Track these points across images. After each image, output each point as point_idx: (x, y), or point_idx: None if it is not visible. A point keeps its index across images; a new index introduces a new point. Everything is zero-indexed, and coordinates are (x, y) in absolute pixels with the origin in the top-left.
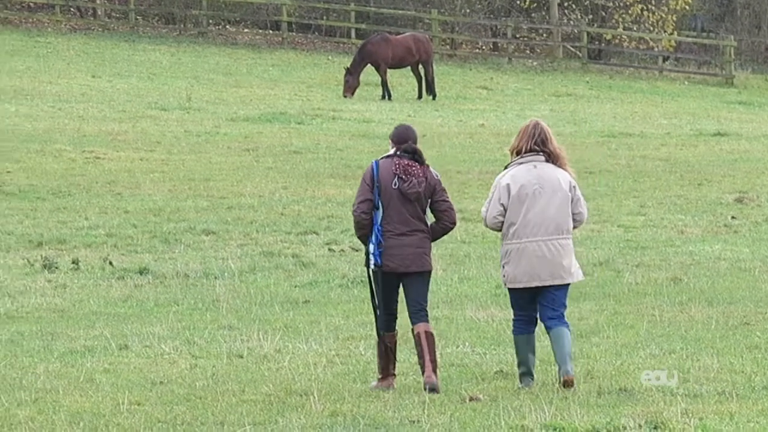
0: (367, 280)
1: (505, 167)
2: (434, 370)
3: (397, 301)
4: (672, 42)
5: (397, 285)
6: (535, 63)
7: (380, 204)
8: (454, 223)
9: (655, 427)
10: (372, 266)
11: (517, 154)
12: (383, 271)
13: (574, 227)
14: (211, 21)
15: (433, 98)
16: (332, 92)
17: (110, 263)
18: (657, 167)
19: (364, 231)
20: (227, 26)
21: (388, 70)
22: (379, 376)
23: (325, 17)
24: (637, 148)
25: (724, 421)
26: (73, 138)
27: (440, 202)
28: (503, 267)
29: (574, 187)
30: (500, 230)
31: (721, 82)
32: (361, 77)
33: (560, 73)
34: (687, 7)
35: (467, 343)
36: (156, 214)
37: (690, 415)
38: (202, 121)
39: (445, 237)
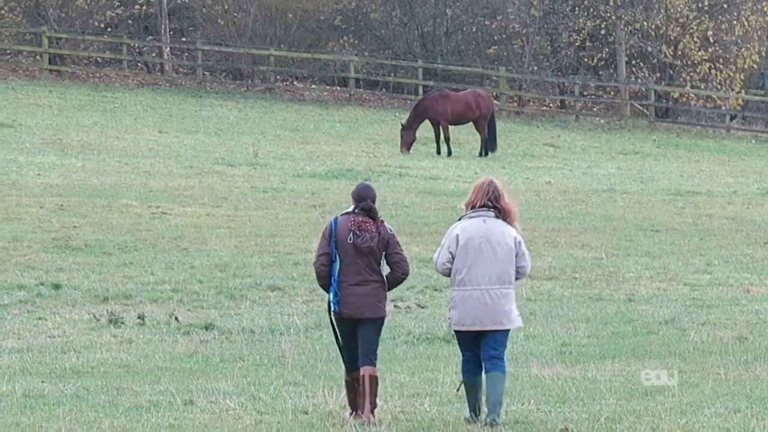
0: (331, 326)
1: (459, 219)
2: (372, 411)
3: (357, 346)
4: (739, 100)
5: (355, 330)
6: (602, 121)
7: (337, 257)
8: (406, 274)
9: None
10: (333, 312)
11: (472, 208)
12: (340, 317)
13: (517, 278)
14: (278, 77)
15: (486, 154)
16: (399, 149)
17: (176, 318)
18: (723, 226)
19: (324, 281)
20: (294, 82)
21: (450, 127)
22: (350, 411)
23: (392, 74)
24: (703, 206)
25: None
26: (140, 193)
27: (393, 255)
28: (450, 311)
29: (519, 242)
30: (449, 276)
31: None
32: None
33: (627, 131)
34: (755, 66)
35: (532, 401)
36: (222, 270)
37: None
38: (268, 177)
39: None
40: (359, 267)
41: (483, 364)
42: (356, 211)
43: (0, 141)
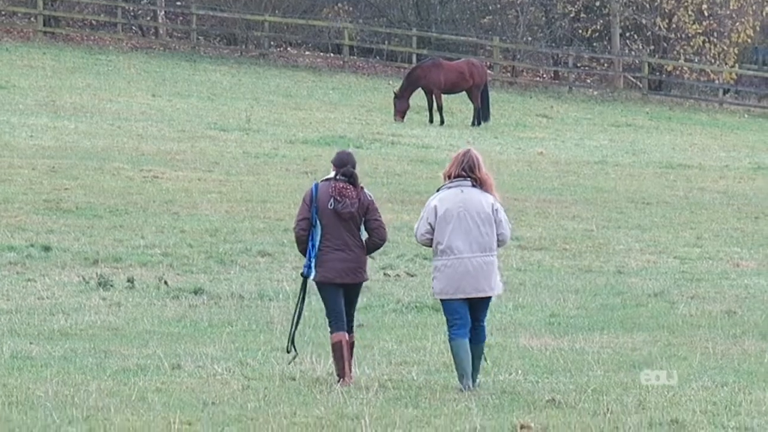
0: (300, 289)
1: (437, 190)
2: (350, 374)
3: (341, 305)
4: (733, 75)
5: (339, 293)
6: (595, 92)
7: (318, 222)
8: (384, 240)
9: None
10: (312, 278)
11: (449, 178)
12: (320, 281)
13: (498, 246)
14: (272, 43)
15: (479, 124)
16: (392, 117)
17: (165, 282)
18: (714, 200)
19: (303, 246)
20: (288, 48)
21: (443, 96)
22: (338, 378)
23: (386, 42)
24: (695, 180)
25: None
26: (132, 156)
27: (371, 221)
28: (433, 280)
29: (497, 209)
30: (430, 246)
31: None
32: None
33: (620, 103)
34: (749, 40)
35: (519, 371)
36: (212, 235)
37: None
38: (260, 142)
39: (498, 263)
40: (340, 232)
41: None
42: (337, 177)
43: None
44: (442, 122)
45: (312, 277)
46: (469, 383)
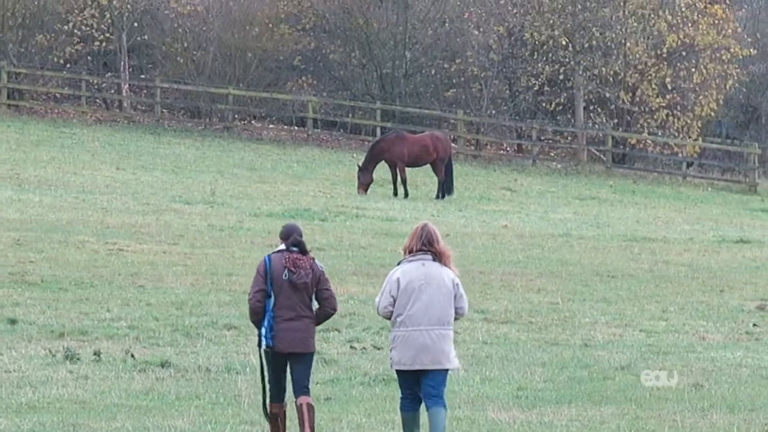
0: (259, 359)
1: (398, 264)
2: None
3: (285, 378)
4: (696, 148)
5: (285, 363)
6: (559, 165)
7: (272, 293)
8: (335, 309)
9: None
10: (264, 347)
11: (409, 252)
12: (274, 351)
13: (456, 319)
14: (236, 116)
15: (443, 197)
16: (356, 190)
17: (132, 356)
18: (679, 273)
19: (258, 317)
20: (252, 121)
21: (407, 169)
22: None
23: (350, 115)
24: (659, 253)
25: None
26: (97, 229)
27: (323, 291)
28: (391, 351)
29: (457, 284)
30: (390, 319)
31: (744, 189)
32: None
33: (584, 176)
34: (712, 113)
35: None
36: (178, 308)
37: None
38: (225, 215)
39: (460, 337)
40: (293, 303)
41: (424, 402)
42: (288, 248)
43: None
44: (406, 195)
45: (268, 345)
46: None
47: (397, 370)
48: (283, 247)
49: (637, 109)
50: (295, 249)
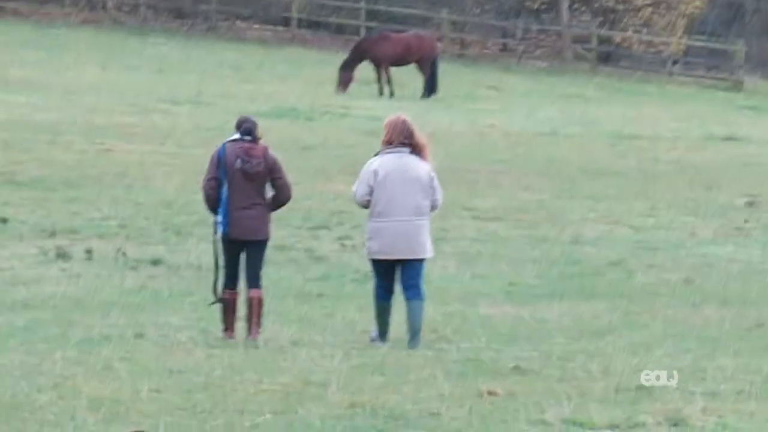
0: (213, 246)
1: (375, 154)
2: (257, 330)
3: (238, 265)
4: (681, 46)
5: (240, 251)
6: (544, 64)
7: (225, 182)
8: (288, 198)
9: (675, 424)
10: (220, 234)
11: (388, 144)
12: (228, 239)
13: (431, 210)
14: (220, 16)
15: (428, 96)
16: (336, 88)
17: (123, 254)
18: (667, 170)
19: (212, 203)
20: (237, 22)
21: (392, 68)
22: (224, 328)
23: (335, 15)
24: (646, 150)
25: (744, 420)
26: (84, 129)
27: (277, 179)
28: (367, 241)
29: (432, 177)
30: (367, 207)
31: (730, 86)
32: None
33: (569, 75)
34: (697, 11)
35: (482, 339)
36: (167, 207)
37: (709, 413)
38: (211, 115)
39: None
40: (247, 191)
41: (403, 293)
42: (241, 137)
43: None
44: (391, 94)
45: (222, 232)
46: (386, 342)
47: (372, 260)
48: (237, 136)
49: (621, 7)
50: (248, 137)
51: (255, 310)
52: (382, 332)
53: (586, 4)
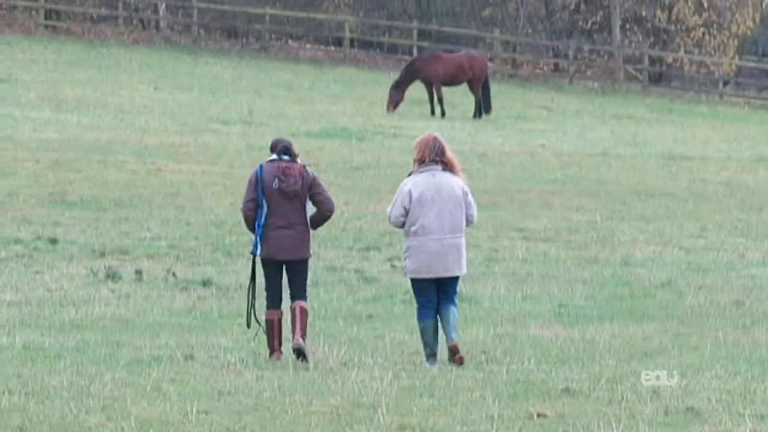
0: (250, 266)
1: (409, 174)
2: (302, 337)
3: (282, 285)
4: (733, 66)
5: (280, 270)
6: (595, 84)
7: (264, 202)
8: (331, 211)
9: None
10: (258, 255)
11: (420, 163)
12: (266, 258)
13: (467, 226)
14: (273, 36)
15: (480, 116)
16: (385, 107)
17: (173, 274)
18: (717, 191)
19: (251, 225)
20: (289, 41)
21: (444, 88)
22: (270, 352)
23: (387, 34)
24: (697, 171)
25: None
26: (135, 149)
27: (317, 195)
28: (405, 260)
29: (466, 192)
30: (402, 228)
31: None
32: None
33: (621, 95)
34: (749, 32)
35: (532, 360)
36: (218, 227)
37: None
38: (263, 135)
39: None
40: (285, 210)
41: (437, 305)
42: (278, 157)
43: None
44: (443, 114)
45: (258, 253)
46: (435, 363)
47: (412, 279)
48: (274, 157)
49: (673, 28)
50: (285, 157)
51: (298, 316)
52: (431, 353)
53: (637, 24)
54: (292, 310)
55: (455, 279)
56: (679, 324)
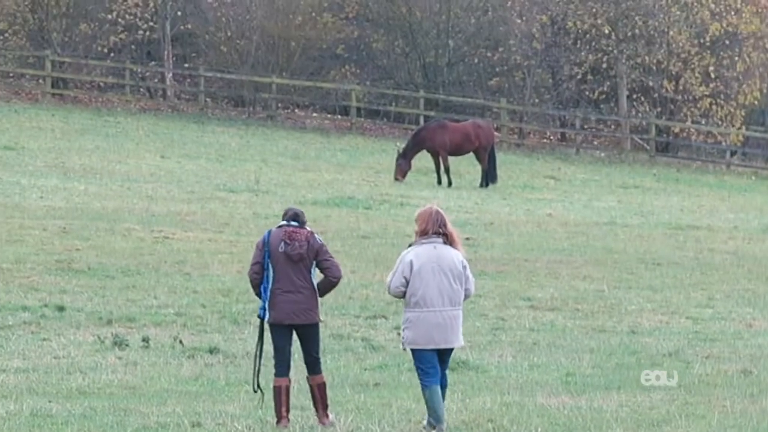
0: (258, 332)
1: (410, 245)
2: (326, 414)
3: (290, 352)
4: (740, 137)
5: (288, 336)
6: (602, 154)
7: (270, 266)
8: (338, 278)
9: None
10: (265, 319)
11: (422, 235)
12: (273, 323)
13: (464, 299)
14: (280, 105)
15: (487, 185)
16: (393, 177)
17: (180, 342)
18: (725, 261)
19: (257, 289)
20: (296, 110)
21: (451, 157)
22: (277, 419)
23: (394, 103)
24: (704, 241)
25: None
26: (142, 217)
27: (323, 261)
28: (404, 331)
29: (466, 266)
30: (401, 298)
31: None
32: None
33: (628, 165)
34: (755, 102)
35: (539, 429)
36: (225, 295)
37: None
38: (270, 203)
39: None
40: (291, 275)
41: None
42: (289, 222)
43: (3, 163)
44: (449, 184)
45: (266, 319)
46: (443, 427)
47: (412, 350)
48: (284, 223)
49: (680, 98)
50: (294, 223)
51: (318, 395)
52: (437, 419)
53: (644, 94)
54: (311, 387)
55: (451, 350)
56: (687, 393)
